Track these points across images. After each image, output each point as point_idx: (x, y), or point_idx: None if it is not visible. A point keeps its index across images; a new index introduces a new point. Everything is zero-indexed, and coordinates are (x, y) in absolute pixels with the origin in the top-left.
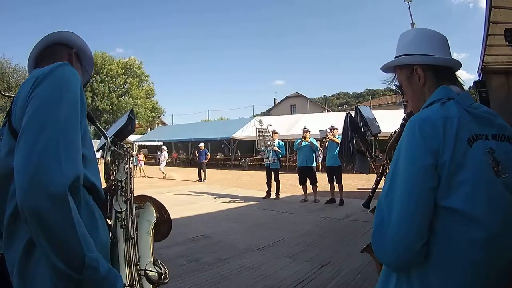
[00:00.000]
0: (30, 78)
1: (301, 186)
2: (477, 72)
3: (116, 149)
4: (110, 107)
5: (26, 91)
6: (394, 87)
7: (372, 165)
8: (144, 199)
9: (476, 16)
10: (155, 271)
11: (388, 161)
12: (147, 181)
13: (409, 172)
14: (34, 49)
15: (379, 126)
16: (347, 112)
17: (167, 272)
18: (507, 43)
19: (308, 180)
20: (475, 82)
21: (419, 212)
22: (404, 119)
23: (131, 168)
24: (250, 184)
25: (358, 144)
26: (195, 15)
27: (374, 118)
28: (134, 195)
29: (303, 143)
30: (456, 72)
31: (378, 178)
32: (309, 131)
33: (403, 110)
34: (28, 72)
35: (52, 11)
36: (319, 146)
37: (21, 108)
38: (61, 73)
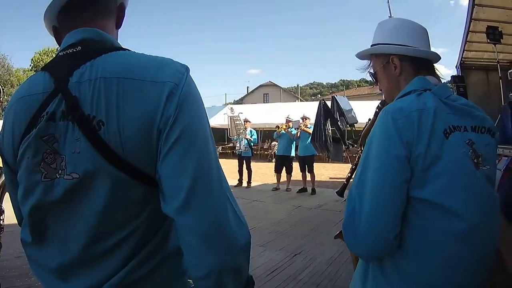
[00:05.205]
0: (150, 81)
1: (276, 173)
2: (456, 67)
3: None
4: None
5: (150, 103)
6: (368, 75)
7: (345, 154)
8: None
9: (457, 12)
10: None
11: (362, 150)
12: None
13: (381, 163)
14: None
15: (355, 117)
16: (322, 99)
17: None
18: (488, 40)
19: (284, 169)
20: (453, 76)
21: (391, 204)
22: (378, 107)
23: None
24: None
25: (334, 132)
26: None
27: (351, 109)
28: None
29: (282, 132)
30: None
31: (353, 167)
32: (292, 121)
33: (376, 101)
34: (48, 21)
35: None
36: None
37: (143, 127)
38: (196, 90)
